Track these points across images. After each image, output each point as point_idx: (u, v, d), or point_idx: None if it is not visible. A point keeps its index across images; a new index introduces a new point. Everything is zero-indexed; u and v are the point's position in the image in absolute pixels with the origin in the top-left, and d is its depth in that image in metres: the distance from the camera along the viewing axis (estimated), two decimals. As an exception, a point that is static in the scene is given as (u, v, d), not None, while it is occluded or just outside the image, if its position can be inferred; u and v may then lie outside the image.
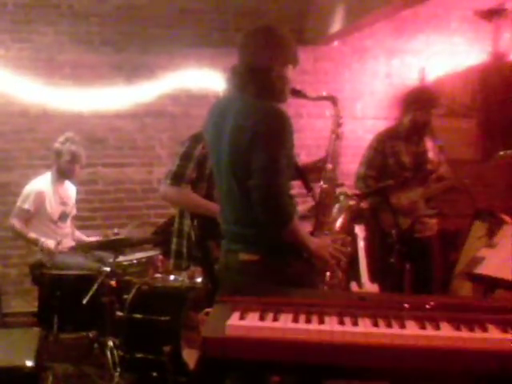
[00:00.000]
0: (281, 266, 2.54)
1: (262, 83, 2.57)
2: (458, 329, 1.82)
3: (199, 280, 3.77)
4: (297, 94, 2.83)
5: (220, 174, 2.65)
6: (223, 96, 2.80)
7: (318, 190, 2.88)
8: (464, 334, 1.80)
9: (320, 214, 2.80)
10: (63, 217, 4.84)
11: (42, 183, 4.76)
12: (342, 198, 3.02)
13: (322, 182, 2.85)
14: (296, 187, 3.13)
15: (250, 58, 2.59)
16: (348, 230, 3.01)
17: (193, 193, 3.55)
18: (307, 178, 2.94)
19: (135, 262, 4.65)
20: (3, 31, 5.60)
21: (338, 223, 2.91)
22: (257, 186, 2.42)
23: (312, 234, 2.71)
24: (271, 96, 2.59)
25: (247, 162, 2.45)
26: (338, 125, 3.02)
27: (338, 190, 3.07)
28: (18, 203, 4.70)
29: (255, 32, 2.65)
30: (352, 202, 3.04)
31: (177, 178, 3.50)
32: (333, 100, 3.01)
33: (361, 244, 4.21)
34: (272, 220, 2.45)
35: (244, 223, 2.57)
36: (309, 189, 2.93)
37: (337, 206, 2.95)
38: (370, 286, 4.23)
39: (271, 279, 2.50)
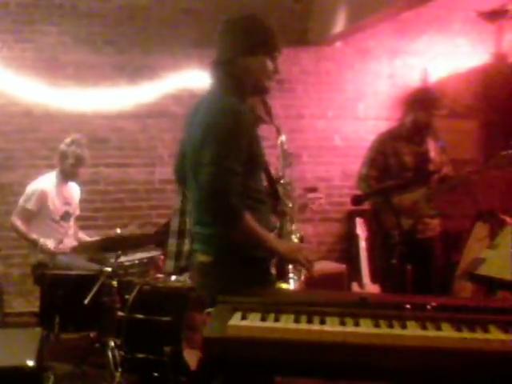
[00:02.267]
0: (233, 269, 2.42)
1: (225, 77, 2.50)
2: (459, 329, 1.82)
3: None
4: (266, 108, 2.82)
5: (188, 174, 2.57)
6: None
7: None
8: (465, 334, 1.80)
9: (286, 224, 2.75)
10: (66, 216, 4.85)
11: (45, 183, 4.77)
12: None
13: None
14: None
15: (218, 52, 2.54)
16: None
17: None
18: (277, 187, 2.86)
19: (137, 262, 4.66)
20: (6, 31, 5.62)
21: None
22: (202, 181, 2.31)
23: None
24: (234, 89, 2.48)
25: (200, 160, 2.35)
26: (286, 154, 2.91)
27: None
28: (21, 202, 4.70)
29: (224, 24, 2.59)
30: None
31: None
32: (277, 130, 2.92)
33: (362, 244, 4.22)
34: (218, 218, 2.33)
35: (202, 223, 2.49)
36: (277, 198, 2.83)
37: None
38: (371, 287, 4.23)
39: (225, 281, 2.40)
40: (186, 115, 2.63)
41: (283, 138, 2.83)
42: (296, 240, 2.73)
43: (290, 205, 2.76)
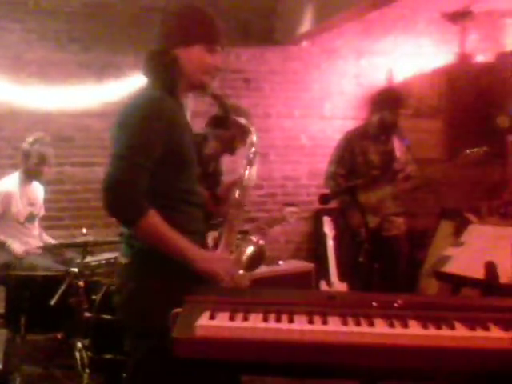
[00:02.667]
0: (149, 273, 2.21)
1: (155, 68, 2.28)
2: (425, 327, 1.84)
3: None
4: (217, 99, 2.52)
5: None
6: None
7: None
8: (431, 331, 1.82)
9: (226, 232, 2.49)
10: (30, 218, 4.78)
11: (9, 184, 4.70)
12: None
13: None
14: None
15: (153, 44, 2.36)
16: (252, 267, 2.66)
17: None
18: (216, 193, 2.67)
19: (104, 262, 4.61)
20: (-31, 28, 5.53)
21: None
22: (105, 175, 2.10)
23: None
24: (163, 82, 2.25)
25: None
26: (251, 153, 2.62)
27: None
28: None
29: (162, 15, 2.39)
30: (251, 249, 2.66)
31: None
32: (247, 131, 2.66)
33: (330, 243, 4.23)
34: (117, 215, 2.11)
35: None
36: (216, 203, 2.64)
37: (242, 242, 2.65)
38: (339, 285, 4.25)
39: (141, 287, 2.22)
40: None
41: (254, 138, 2.70)
42: (248, 250, 2.53)
43: (235, 210, 2.51)
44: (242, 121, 2.69)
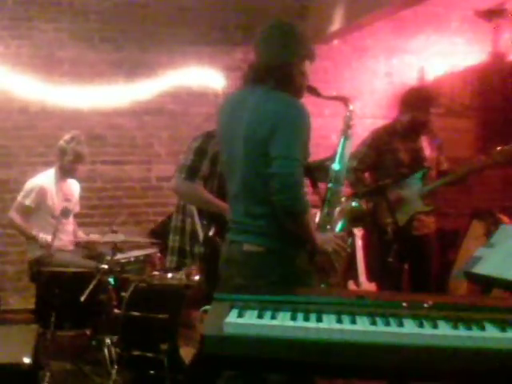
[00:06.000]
0: (284, 261, 2.56)
1: (283, 78, 2.60)
2: (455, 327, 1.82)
3: (197, 278, 3.77)
4: (311, 91, 2.85)
5: (232, 167, 2.65)
6: (236, 92, 2.78)
7: (323, 189, 2.89)
8: (461, 332, 1.80)
9: (324, 211, 2.83)
10: (65, 213, 4.83)
11: (44, 179, 4.77)
12: (344, 199, 3.01)
13: (329, 181, 2.86)
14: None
15: (271, 54, 2.62)
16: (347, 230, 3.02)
17: (205, 190, 3.53)
18: (314, 175, 2.93)
19: (133, 259, 4.65)
20: (2, 28, 5.61)
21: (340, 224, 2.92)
22: (275, 174, 2.43)
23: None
24: (290, 90, 2.61)
25: (265, 151, 2.48)
26: (349, 126, 3.02)
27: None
28: (19, 198, 4.70)
29: (274, 28, 2.68)
30: (354, 204, 3.04)
31: (192, 173, 3.46)
32: (345, 101, 3.03)
33: (358, 243, 4.21)
34: (288, 209, 2.46)
35: (253, 215, 2.58)
36: (315, 186, 2.95)
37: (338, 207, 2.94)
38: (367, 285, 4.23)
39: (273, 273, 2.52)
40: (219, 114, 2.75)
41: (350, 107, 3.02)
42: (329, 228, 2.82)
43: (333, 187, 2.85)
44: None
